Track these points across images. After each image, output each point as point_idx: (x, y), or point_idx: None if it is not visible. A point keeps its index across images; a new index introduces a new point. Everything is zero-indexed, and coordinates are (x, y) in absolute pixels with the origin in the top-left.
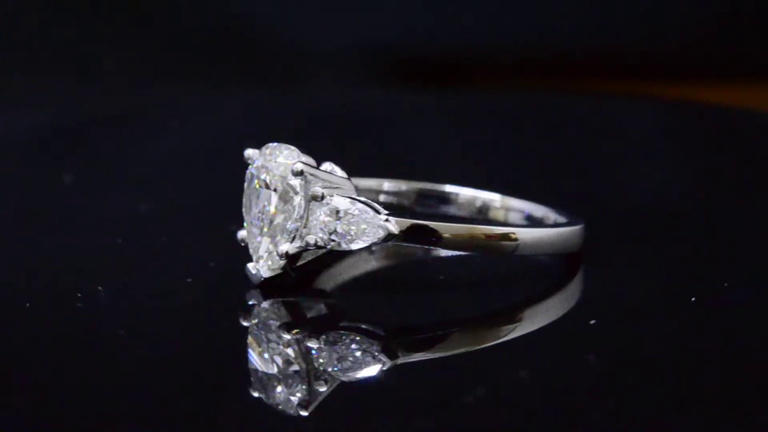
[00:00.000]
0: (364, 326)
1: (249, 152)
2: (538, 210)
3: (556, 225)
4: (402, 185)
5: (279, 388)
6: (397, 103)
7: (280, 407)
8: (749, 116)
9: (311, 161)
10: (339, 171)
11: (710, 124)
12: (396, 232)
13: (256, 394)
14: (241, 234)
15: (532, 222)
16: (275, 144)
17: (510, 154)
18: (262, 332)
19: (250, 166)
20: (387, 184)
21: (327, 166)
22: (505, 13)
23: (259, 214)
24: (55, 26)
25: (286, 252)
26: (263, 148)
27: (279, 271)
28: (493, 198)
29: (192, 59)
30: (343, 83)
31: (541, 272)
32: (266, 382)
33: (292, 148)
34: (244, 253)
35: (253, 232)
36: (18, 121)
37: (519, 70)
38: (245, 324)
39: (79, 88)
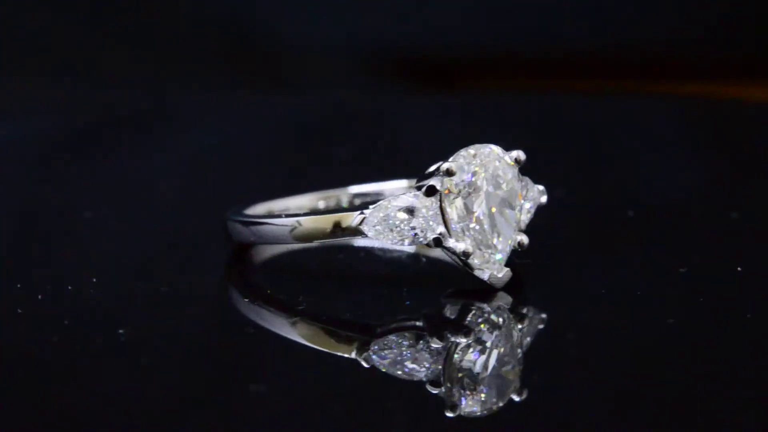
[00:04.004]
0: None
1: (449, 167)
2: None
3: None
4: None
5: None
6: (396, 104)
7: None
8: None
9: None
10: None
11: (712, 121)
12: None
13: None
14: (464, 246)
15: None
16: (475, 146)
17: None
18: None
19: (453, 177)
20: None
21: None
22: (506, 13)
23: (491, 216)
24: (49, 28)
25: (521, 241)
26: (466, 155)
27: None
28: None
29: (189, 61)
30: (341, 84)
31: None
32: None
33: (479, 144)
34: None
35: (486, 237)
36: (25, 125)
37: (519, 69)
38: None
39: (72, 92)
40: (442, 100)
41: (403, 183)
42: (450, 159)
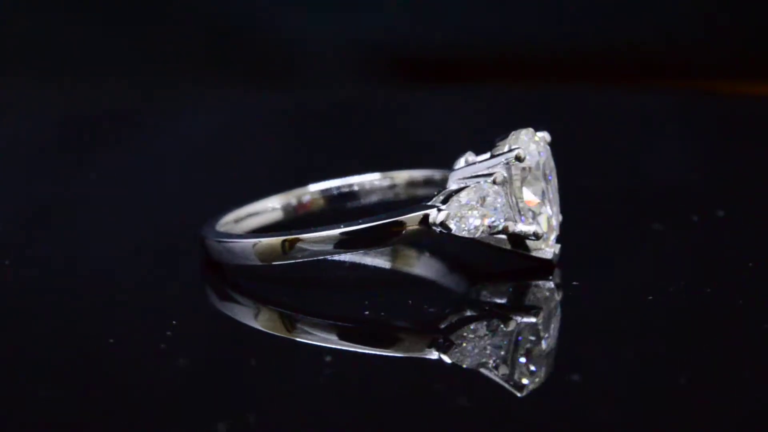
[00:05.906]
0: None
1: (519, 152)
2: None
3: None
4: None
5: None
6: (395, 102)
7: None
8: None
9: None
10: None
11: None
12: None
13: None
14: (535, 228)
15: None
16: (523, 130)
17: None
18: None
19: (520, 162)
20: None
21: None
22: (507, 11)
23: (551, 197)
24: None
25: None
26: (521, 139)
27: None
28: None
29: (188, 58)
30: (341, 81)
31: None
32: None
33: (524, 129)
34: None
35: (551, 218)
36: (19, 123)
37: (521, 67)
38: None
39: (70, 89)
40: (443, 99)
41: (375, 176)
42: (506, 145)
